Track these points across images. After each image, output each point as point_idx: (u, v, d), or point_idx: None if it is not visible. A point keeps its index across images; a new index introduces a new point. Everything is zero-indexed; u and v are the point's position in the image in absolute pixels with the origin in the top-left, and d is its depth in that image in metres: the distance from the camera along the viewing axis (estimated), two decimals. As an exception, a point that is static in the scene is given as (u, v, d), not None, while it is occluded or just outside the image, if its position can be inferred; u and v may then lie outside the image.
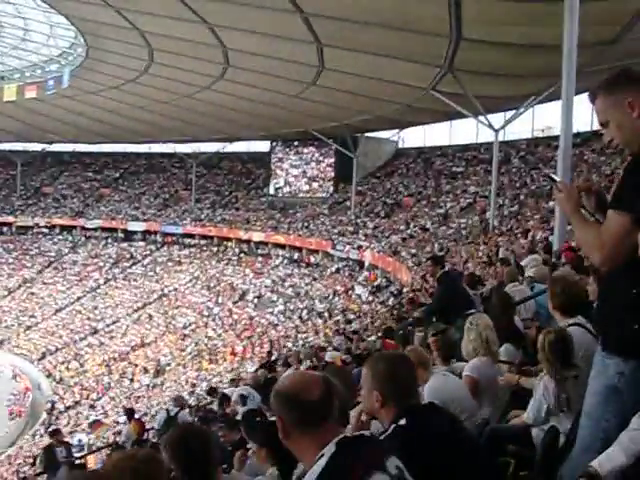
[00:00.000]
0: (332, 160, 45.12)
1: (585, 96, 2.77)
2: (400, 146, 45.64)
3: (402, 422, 2.67)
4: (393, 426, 2.68)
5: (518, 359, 5.77)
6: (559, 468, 2.89)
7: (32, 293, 50.13)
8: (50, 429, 19.82)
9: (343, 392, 3.00)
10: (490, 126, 27.30)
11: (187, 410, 12.33)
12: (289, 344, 32.39)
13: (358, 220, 40.12)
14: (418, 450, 2.37)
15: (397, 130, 43.30)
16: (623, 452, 2.21)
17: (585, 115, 25.30)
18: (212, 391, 15.52)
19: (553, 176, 2.82)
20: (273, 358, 22.60)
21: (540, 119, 35.83)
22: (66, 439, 15.38)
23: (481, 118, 27.43)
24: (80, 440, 25.13)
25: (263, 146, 50.67)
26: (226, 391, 12.94)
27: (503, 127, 28.08)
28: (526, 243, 21.44)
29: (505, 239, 24.76)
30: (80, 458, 15.33)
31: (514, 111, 27.68)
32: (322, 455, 2.06)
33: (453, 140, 42.07)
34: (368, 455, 2.11)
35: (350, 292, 36.09)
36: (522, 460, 3.51)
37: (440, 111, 30.75)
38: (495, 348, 5.28)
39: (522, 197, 30.16)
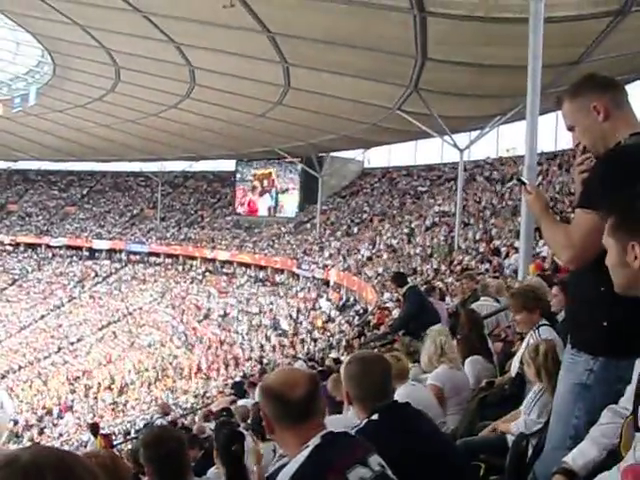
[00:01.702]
0: (298, 179, 45.25)
1: (549, 116, 2.81)
2: (366, 166, 45.88)
3: (375, 417, 2.70)
4: (366, 420, 2.71)
5: (490, 372, 5.79)
6: (530, 471, 2.90)
7: (-4, 311, 49.49)
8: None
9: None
10: (455, 146, 27.59)
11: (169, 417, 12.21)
12: (254, 362, 32.26)
13: (323, 239, 40.18)
14: (389, 444, 2.38)
15: (363, 150, 43.51)
16: (595, 446, 2.23)
17: (549, 135, 25.75)
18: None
19: (522, 179, 2.88)
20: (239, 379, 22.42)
21: (505, 139, 36.28)
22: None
23: (446, 138, 27.71)
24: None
25: (229, 165, 50.60)
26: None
27: (468, 147, 28.40)
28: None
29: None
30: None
31: (479, 131, 28.03)
32: (307, 446, 2.10)
33: (418, 160, 42.41)
34: (351, 449, 2.16)
35: (315, 311, 36.03)
36: (492, 466, 3.51)
37: (405, 131, 31.01)
38: (453, 355, 5.31)
39: (487, 216, 30.42)
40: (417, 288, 10.26)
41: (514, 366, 5.03)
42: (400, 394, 4.35)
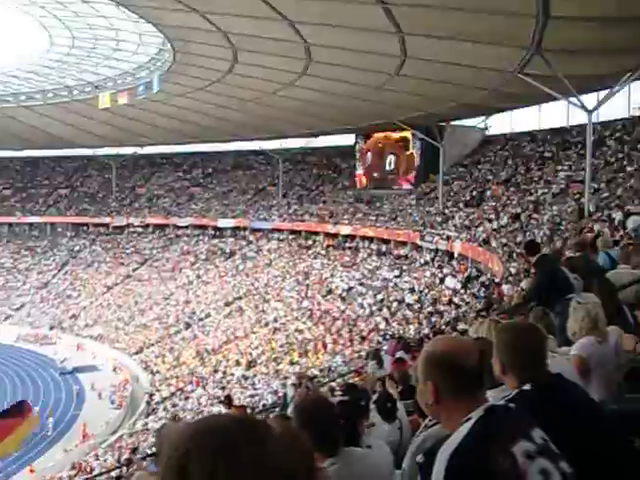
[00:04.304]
0: (418, 150, 44.64)
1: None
2: (487, 133, 44.73)
3: (526, 387, 2.60)
4: (516, 390, 2.61)
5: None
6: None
7: (129, 289, 52.08)
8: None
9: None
10: (583, 107, 26.29)
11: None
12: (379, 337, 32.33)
13: (446, 210, 39.54)
14: (542, 415, 2.23)
15: (484, 117, 42.42)
16: None
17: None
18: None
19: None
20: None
21: (637, 97, 34.18)
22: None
23: (572, 99, 26.47)
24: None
25: (348, 139, 50.60)
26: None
27: (597, 108, 26.98)
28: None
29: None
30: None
31: (608, 90, 26.57)
32: (469, 418, 2.02)
33: (543, 124, 40.96)
34: (515, 423, 2.06)
35: (440, 284, 35.61)
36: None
37: (528, 95, 29.93)
38: (604, 329, 5.02)
39: (619, 180, 28.98)
40: (549, 257, 9.81)
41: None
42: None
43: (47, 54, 40.45)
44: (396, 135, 45.58)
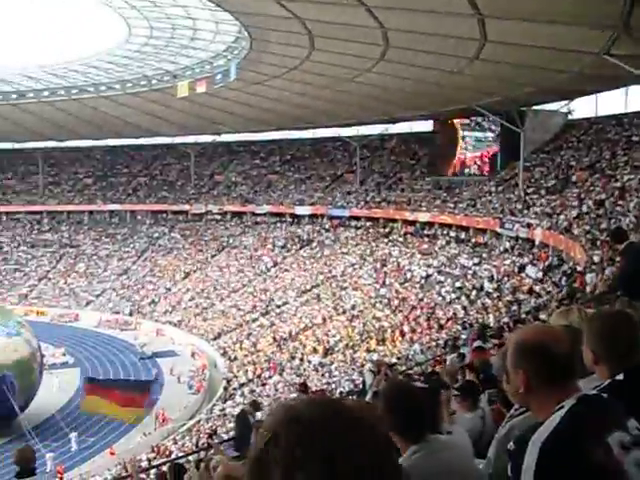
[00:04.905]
0: (498, 136, 43.72)
1: None
2: (570, 117, 43.42)
3: (619, 377, 2.46)
4: (608, 381, 2.48)
5: None
6: None
7: (207, 276, 52.87)
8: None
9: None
10: (673, 89, 25.21)
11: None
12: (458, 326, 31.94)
13: (527, 197, 38.62)
14: (636, 405, 2.09)
15: (566, 101, 41.17)
16: None
17: None
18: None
19: None
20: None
21: None
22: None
23: (662, 81, 25.42)
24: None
25: (426, 126, 49.97)
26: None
27: (688, 89, 25.84)
28: None
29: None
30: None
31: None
32: (562, 407, 1.96)
33: (630, 107, 39.48)
34: (609, 413, 1.96)
35: (520, 272, 34.86)
36: None
37: (614, 77, 28.86)
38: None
39: None
40: (636, 245, 9.42)
41: None
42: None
43: (126, 44, 41.25)
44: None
